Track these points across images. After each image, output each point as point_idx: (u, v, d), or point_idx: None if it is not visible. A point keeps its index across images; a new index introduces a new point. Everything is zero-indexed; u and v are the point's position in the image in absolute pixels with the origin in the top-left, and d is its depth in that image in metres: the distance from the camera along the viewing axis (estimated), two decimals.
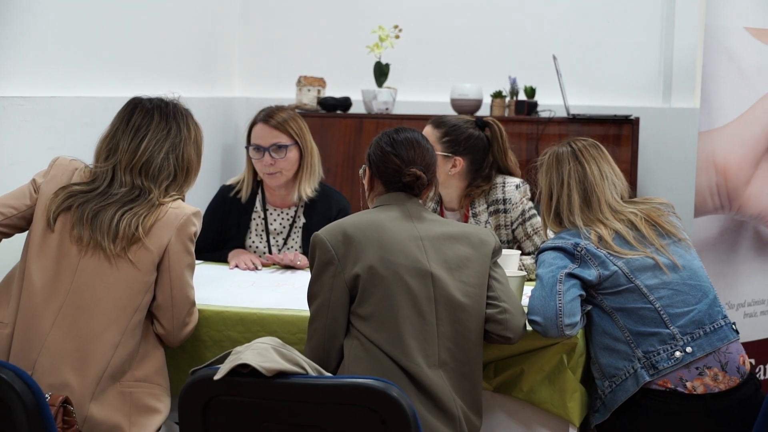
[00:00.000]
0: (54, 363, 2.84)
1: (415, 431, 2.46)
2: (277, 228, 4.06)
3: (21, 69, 3.80)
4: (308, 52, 5.77)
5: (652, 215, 3.23)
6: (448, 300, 2.86)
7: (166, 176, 2.97)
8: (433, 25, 5.66)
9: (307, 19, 5.80)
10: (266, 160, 3.95)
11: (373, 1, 5.71)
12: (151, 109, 3.04)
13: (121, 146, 2.97)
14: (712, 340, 3.08)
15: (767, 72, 4.56)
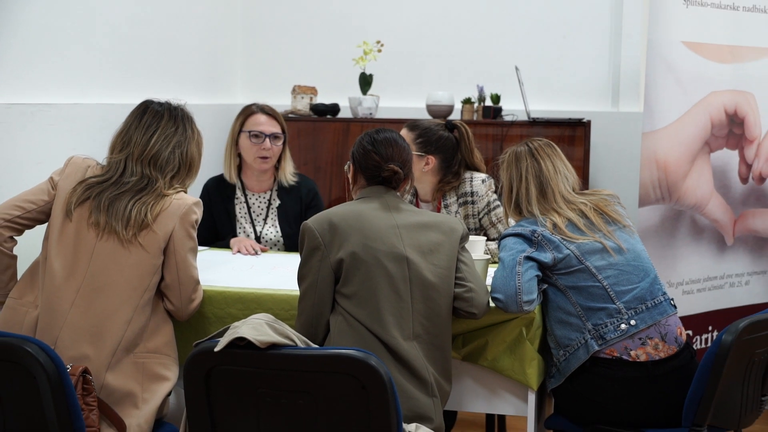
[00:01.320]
0: (73, 338, 2.83)
1: (392, 395, 2.46)
2: (256, 210, 4.09)
3: (47, 79, 3.80)
4: (302, 64, 5.76)
5: (600, 205, 3.23)
6: (422, 281, 2.86)
7: (171, 169, 2.98)
8: (411, 41, 5.65)
9: (301, 35, 5.78)
10: (266, 144, 3.98)
11: (358, 19, 5.69)
12: (161, 110, 3.05)
13: (134, 140, 2.98)
14: (653, 314, 3.09)
15: (701, 80, 4.57)
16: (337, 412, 2.51)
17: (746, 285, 4.93)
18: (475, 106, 5.32)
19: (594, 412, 3.09)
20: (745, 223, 4.88)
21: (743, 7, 4.67)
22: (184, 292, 3.00)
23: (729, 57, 4.66)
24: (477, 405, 3.20)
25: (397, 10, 5.68)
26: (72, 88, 3.94)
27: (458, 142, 3.93)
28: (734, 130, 4.74)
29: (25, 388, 2.56)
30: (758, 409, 3.21)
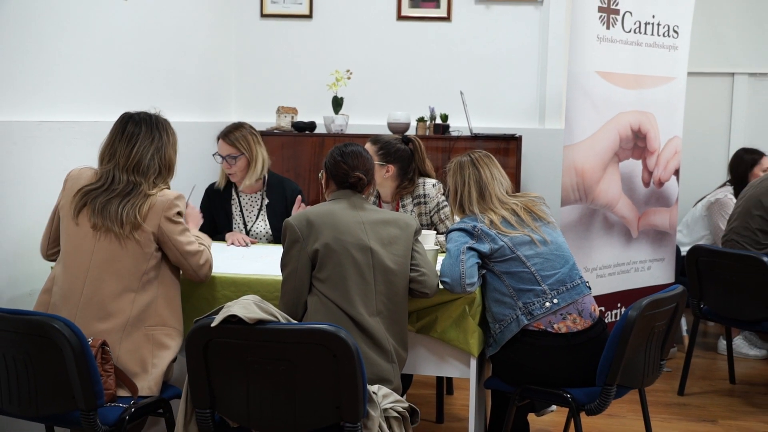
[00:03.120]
0: (86, 316, 2.82)
1: (358, 362, 2.47)
2: (248, 208, 4.08)
3: (71, 100, 3.77)
4: (285, 88, 5.75)
5: (529, 205, 3.24)
6: (383, 267, 2.86)
7: (153, 172, 2.94)
8: (375, 70, 5.66)
9: (284, 65, 5.77)
10: (224, 164, 3.99)
11: (331, 52, 5.68)
12: (139, 122, 3.00)
13: (119, 151, 2.94)
14: (572, 294, 3.11)
15: (611, 103, 4.60)
16: (312, 376, 2.51)
17: (648, 270, 4.98)
18: (428, 124, 5.34)
19: (524, 374, 3.10)
20: (647, 219, 4.93)
21: (645, 43, 4.72)
22: (192, 263, 2.99)
23: (634, 84, 4.70)
24: (429, 369, 3.21)
25: (363, 45, 5.67)
26: (92, 108, 3.91)
27: (413, 154, 3.95)
28: (638, 143, 4.78)
29: (53, 358, 2.56)
30: (658, 371, 3.24)
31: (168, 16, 4.70)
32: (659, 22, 4.78)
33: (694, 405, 4.38)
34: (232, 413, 2.62)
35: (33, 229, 3.42)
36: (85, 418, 2.60)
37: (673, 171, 5.00)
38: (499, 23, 5.55)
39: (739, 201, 4.53)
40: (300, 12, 5.71)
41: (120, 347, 2.81)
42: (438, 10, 5.59)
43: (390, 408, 2.63)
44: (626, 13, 4.60)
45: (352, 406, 2.50)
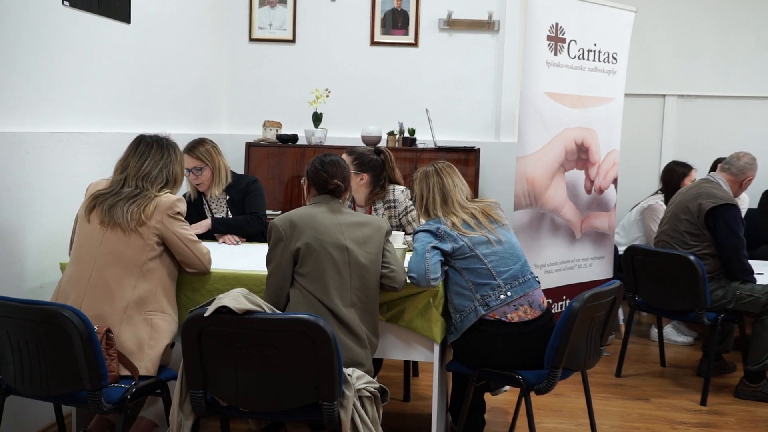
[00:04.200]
0: (93, 299, 2.83)
1: (335, 348, 2.47)
2: (215, 208, 4.05)
3: (79, 113, 3.75)
4: (270, 105, 5.73)
5: (486, 209, 3.25)
6: (357, 264, 2.86)
7: (159, 182, 2.98)
8: (351, 89, 5.66)
9: (270, 84, 5.75)
10: (191, 177, 3.97)
11: (312, 73, 5.68)
12: (151, 142, 3.04)
13: (131, 164, 2.99)
14: (524, 287, 3.12)
15: (558, 120, 4.63)
16: (294, 360, 2.51)
17: (590, 267, 5.02)
18: (397, 137, 5.34)
19: (481, 358, 3.11)
20: (589, 222, 4.97)
21: (587, 68, 4.76)
22: (196, 250, 3.01)
23: (578, 103, 4.74)
24: (397, 354, 3.21)
25: (340, 67, 5.67)
26: (98, 121, 3.89)
27: (384, 164, 3.95)
28: (581, 156, 4.82)
29: (62, 343, 2.55)
30: (598, 356, 3.27)
31: (167, 39, 4.68)
32: (600, 50, 4.83)
33: (630, 385, 4.42)
34: (223, 393, 2.61)
35: (44, 229, 3.41)
36: (91, 397, 2.59)
37: (611, 180, 5.05)
38: (460, 48, 5.58)
39: (669, 207, 4.58)
40: (284, 37, 5.70)
41: (120, 328, 2.81)
42: (407, 37, 5.60)
43: (363, 388, 2.63)
44: (571, 42, 4.65)
45: (329, 386, 2.50)
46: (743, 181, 4.42)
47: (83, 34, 3.73)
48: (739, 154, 4.47)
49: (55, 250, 3.42)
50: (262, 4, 5.69)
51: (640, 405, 4.11)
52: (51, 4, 3.45)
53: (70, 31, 3.61)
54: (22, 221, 3.29)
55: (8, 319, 2.60)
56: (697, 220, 4.25)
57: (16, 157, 3.23)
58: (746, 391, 4.23)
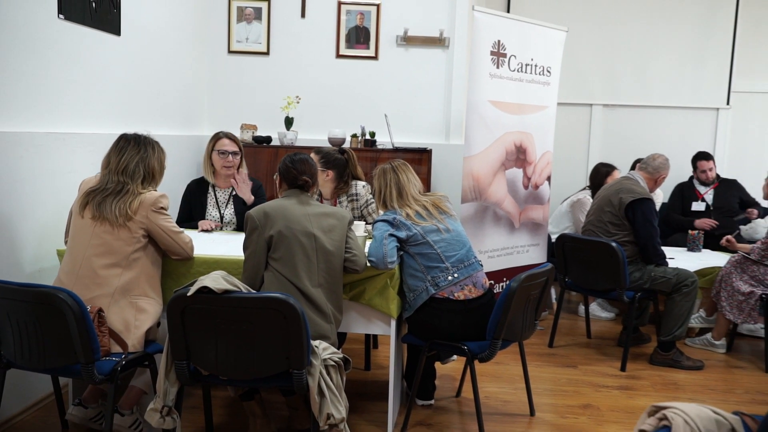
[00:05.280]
0: (85, 285, 2.79)
1: (303, 323, 2.47)
2: (221, 200, 3.99)
3: (74, 115, 3.68)
4: (247, 109, 5.68)
5: (436, 202, 3.27)
6: (324, 249, 2.86)
7: (138, 176, 2.92)
8: (319, 96, 5.63)
9: (247, 90, 5.70)
10: (228, 158, 3.92)
11: (284, 82, 5.63)
12: (129, 139, 2.99)
13: (112, 160, 2.94)
14: (469, 270, 3.15)
15: (500, 125, 4.65)
16: (268, 334, 2.51)
17: (526, 252, 5.08)
18: (359, 139, 5.33)
19: (432, 332, 3.13)
20: (526, 214, 5.02)
21: (525, 79, 4.80)
22: (179, 240, 2.97)
23: (517, 110, 4.77)
24: (359, 328, 3.21)
25: (309, 77, 5.63)
26: (91, 122, 3.82)
27: (347, 162, 3.94)
28: (520, 156, 4.86)
29: (58, 322, 2.52)
30: (533, 329, 3.31)
31: (154, 50, 4.61)
32: (536, 64, 4.87)
33: (560, 354, 4.47)
34: (204, 364, 2.60)
35: (40, 220, 3.35)
36: (85, 369, 2.56)
37: (546, 177, 5.10)
38: (415, 61, 5.59)
39: (594, 201, 4.64)
40: (259, 50, 5.65)
41: (109, 310, 2.77)
42: (368, 51, 5.60)
43: (328, 358, 2.64)
44: (511, 56, 4.68)
45: (298, 356, 2.51)
46: (658, 178, 4.51)
47: (77, 45, 3.66)
48: (655, 155, 4.55)
49: (52, 238, 3.37)
50: (239, 20, 5.64)
51: (569, 371, 4.16)
52: (48, 17, 3.39)
53: (65, 41, 3.54)
54: (21, 213, 3.23)
55: (9, 301, 2.56)
56: (619, 212, 4.32)
57: (15, 155, 3.17)
58: (659, 359, 4.32)
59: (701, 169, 5.53)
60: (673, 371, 4.21)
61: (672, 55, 6.54)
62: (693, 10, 6.49)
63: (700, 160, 5.56)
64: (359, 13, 5.57)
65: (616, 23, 6.55)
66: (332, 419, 2.58)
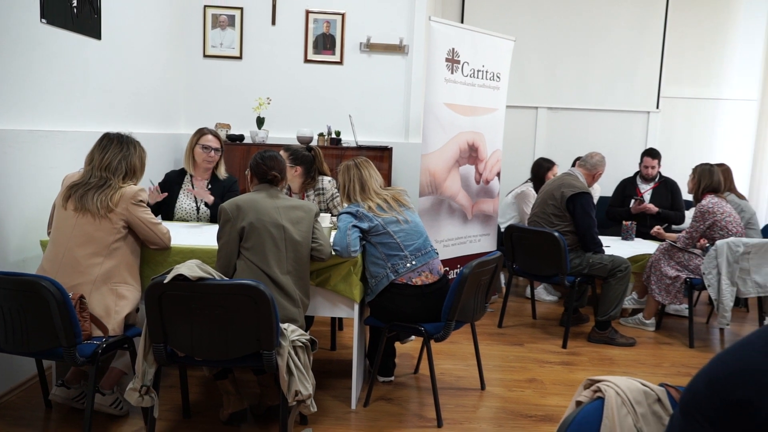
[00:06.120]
0: (68, 273, 2.72)
1: (273, 308, 2.45)
2: (198, 192, 3.85)
3: (57, 113, 3.58)
4: (222, 109, 5.60)
5: (396, 195, 3.26)
6: (292, 240, 2.83)
7: (120, 172, 2.86)
8: (288, 98, 5.58)
9: (221, 92, 5.61)
10: (210, 154, 3.85)
11: (256, 84, 5.57)
12: (113, 138, 2.92)
13: (95, 157, 2.87)
14: (425, 257, 3.15)
15: (454, 125, 4.66)
16: (240, 318, 2.48)
17: (478, 241, 5.11)
18: (326, 137, 5.30)
19: (392, 314, 3.13)
20: (478, 206, 5.04)
21: (477, 84, 4.82)
22: (157, 231, 2.91)
23: (470, 112, 4.79)
24: (325, 311, 3.19)
25: (279, 80, 5.58)
26: (74, 121, 3.73)
27: (314, 159, 3.90)
28: (472, 154, 4.88)
29: (42, 309, 2.46)
30: (483, 311, 3.34)
31: (133, 53, 4.50)
32: (487, 70, 4.89)
33: (509, 334, 4.51)
34: (180, 346, 2.56)
35: (25, 212, 3.26)
36: (67, 352, 2.51)
37: (495, 173, 5.13)
38: (377, 66, 5.58)
39: (539, 194, 4.67)
40: (233, 54, 5.57)
41: (91, 297, 2.71)
42: (334, 56, 5.56)
43: (296, 339, 2.62)
44: (464, 63, 4.70)
45: (268, 338, 2.49)
46: (595, 174, 4.57)
47: (60, 48, 3.56)
48: (593, 153, 4.61)
49: (35, 230, 3.28)
50: (214, 27, 5.54)
51: (517, 349, 4.20)
52: (31, 21, 3.28)
53: (48, 44, 3.44)
54: (6, 206, 3.14)
55: None
56: (561, 205, 4.37)
57: (1, 152, 3.07)
58: (596, 337, 4.39)
59: (645, 164, 5.55)
60: (608, 347, 4.28)
61: (608, 63, 6.64)
62: (626, 23, 6.59)
63: (645, 156, 5.54)
64: (326, 22, 5.53)
65: (558, 34, 6.62)
66: (300, 396, 2.56)
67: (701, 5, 6.63)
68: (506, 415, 3.20)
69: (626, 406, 1.40)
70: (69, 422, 2.92)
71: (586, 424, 1.39)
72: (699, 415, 1.09)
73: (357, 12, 5.51)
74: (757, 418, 0.99)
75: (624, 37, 6.59)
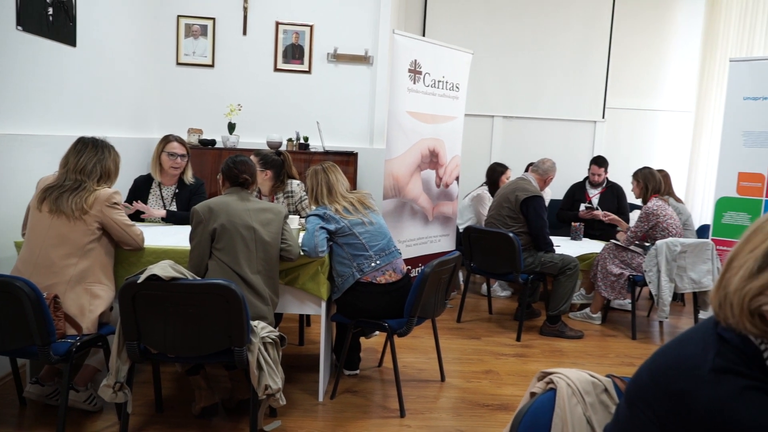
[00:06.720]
0: (43, 274, 2.64)
1: (243, 306, 2.42)
2: (165, 196, 3.83)
3: (33, 118, 3.46)
4: (194, 115, 5.50)
5: (361, 198, 3.25)
6: (262, 240, 2.80)
7: (95, 176, 2.79)
8: (258, 105, 5.51)
9: (194, 98, 5.52)
10: (177, 160, 3.77)
11: (227, 91, 5.49)
12: (87, 142, 2.84)
13: (70, 160, 2.79)
14: (389, 257, 3.15)
15: (416, 132, 4.67)
16: (212, 316, 2.44)
17: (438, 242, 5.12)
18: (294, 143, 5.26)
19: (357, 311, 3.12)
20: (438, 209, 5.07)
21: (438, 94, 4.85)
22: (131, 232, 2.84)
23: (431, 120, 4.80)
24: (293, 309, 3.16)
25: (250, 87, 5.51)
26: (48, 125, 3.61)
27: (284, 163, 3.86)
28: (433, 159, 4.90)
29: (16, 308, 2.39)
30: (443, 307, 3.35)
31: (107, 60, 4.40)
32: (447, 81, 4.92)
33: (467, 328, 4.53)
34: (154, 343, 2.51)
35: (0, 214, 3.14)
36: (41, 351, 2.43)
37: (454, 177, 5.16)
38: (343, 76, 5.56)
39: (495, 197, 4.70)
40: (205, 62, 5.48)
41: (65, 297, 2.64)
42: (302, 66, 5.52)
43: (266, 336, 2.59)
44: (426, 74, 4.71)
45: (239, 335, 2.45)
46: (547, 179, 4.63)
47: (35, 54, 3.45)
48: (544, 159, 4.67)
49: (10, 231, 3.17)
50: (187, 36, 5.45)
51: (474, 342, 4.22)
52: (6, 28, 3.18)
53: (23, 51, 3.33)
54: None
55: None
56: (515, 207, 4.41)
57: None
58: (547, 330, 4.44)
59: (592, 172, 5.63)
60: (559, 340, 4.33)
61: (559, 76, 6.74)
62: (575, 40, 6.70)
63: (593, 165, 5.62)
64: (295, 33, 5.48)
65: (513, 48, 6.70)
66: (270, 390, 2.54)
67: (642, 24, 6.79)
68: (465, 404, 3.21)
69: (576, 396, 1.42)
70: (43, 419, 2.83)
71: (539, 413, 1.41)
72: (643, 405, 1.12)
73: (325, 24, 5.48)
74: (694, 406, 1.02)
75: (573, 52, 6.71)
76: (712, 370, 1.03)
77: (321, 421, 2.94)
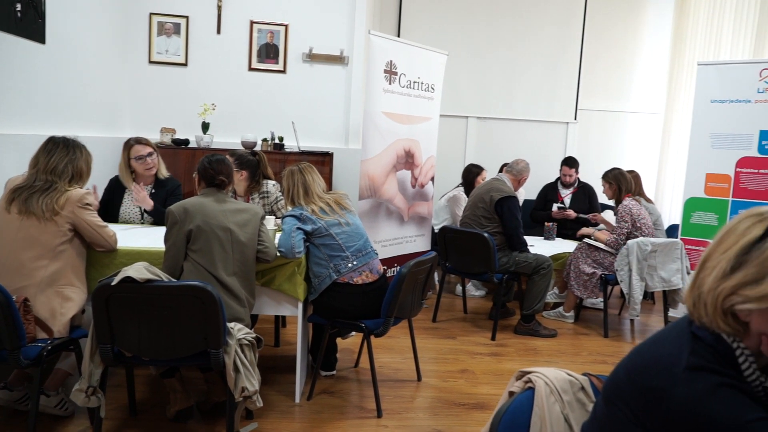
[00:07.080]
0: (12, 276, 2.58)
1: (220, 308, 2.40)
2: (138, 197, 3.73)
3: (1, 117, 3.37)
4: (167, 114, 5.43)
5: (338, 199, 3.24)
6: (238, 242, 2.78)
7: (66, 176, 2.73)
8: (232, 104, 5.46)
9: (167, 98, 5.44)
10: (147, 161, 3.68)
11: (201, 90, 5.43)
12: (58, 142, 2.79)
13: (41, 160, 2.74)
14: (366, 258, 3.15)
15: (392, 133, 4.69)
16: (187, 318, 2.41)
17: (414, 242, 5.15)
18: (269, 143, 5.23)
19: (334, 312, 3.12)
20: (414, 209, 5.09)
21: (413, 94, 4.86)
22: (104, 234, 2.79)
23: (406, 121, 4.82)
24: (269, 310, 3.14)
25: (224, 86, 5.46)
26: (17, 124, 3.53)
27: (259, 163, 3.85)
28: (408, 159, 4.92)
29: None
30: (419, 307, 3.36)
31: (78, 58, 4.31)
32: (422, 81, 4.94)
33: (442, 328, 4.55)
34: (128, 346, 2.47)
35: None
36: (11, 355, 2.38)
37: (430, 177, 5.19)
38: (319, 76, 5.54)
39: (470, 198, 4.74)
40: (178, 61, 5.41)
41: (36, 299, 2.58)
42: (277, 65, 5.48)
43: (243, 337, 2.57)
44: (401, 75, 4.73)
45: (215, 337, 2.43)
46: (521, 179, 4.68)
47: (2, 51, 3.36)
48: (518, 160, 4.73)
49: None
50: (159, 34, 5.37)
51: (450, 342, 4.24)
52: None
53: None
54: None
55: None
56: (490, 207, 4.45)
57: None
58: (522, 329, 4.49)
59: (563, 173, 5.70)
60: (533, 339, 4.38)
61: (532, 78, 6.82)
62: (548, 42, 6.79)
63: (563, 165, 5.70)
64: (269, 32, 5.45)
65: (488, 50, 6.75)
66: (246, 392, 2.52)
67: (613, 27, 6.90)
68: (441, 404, 3.23)
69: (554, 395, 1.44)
70: (12, 424, 2.77)
71: (518, 412, 1.42)
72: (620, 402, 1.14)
73: (300, 24, 5.46)
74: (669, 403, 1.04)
75: (546, 54, 6.79)
76: (687, 368, 1.06)
77: (298, 423, 2.93)
